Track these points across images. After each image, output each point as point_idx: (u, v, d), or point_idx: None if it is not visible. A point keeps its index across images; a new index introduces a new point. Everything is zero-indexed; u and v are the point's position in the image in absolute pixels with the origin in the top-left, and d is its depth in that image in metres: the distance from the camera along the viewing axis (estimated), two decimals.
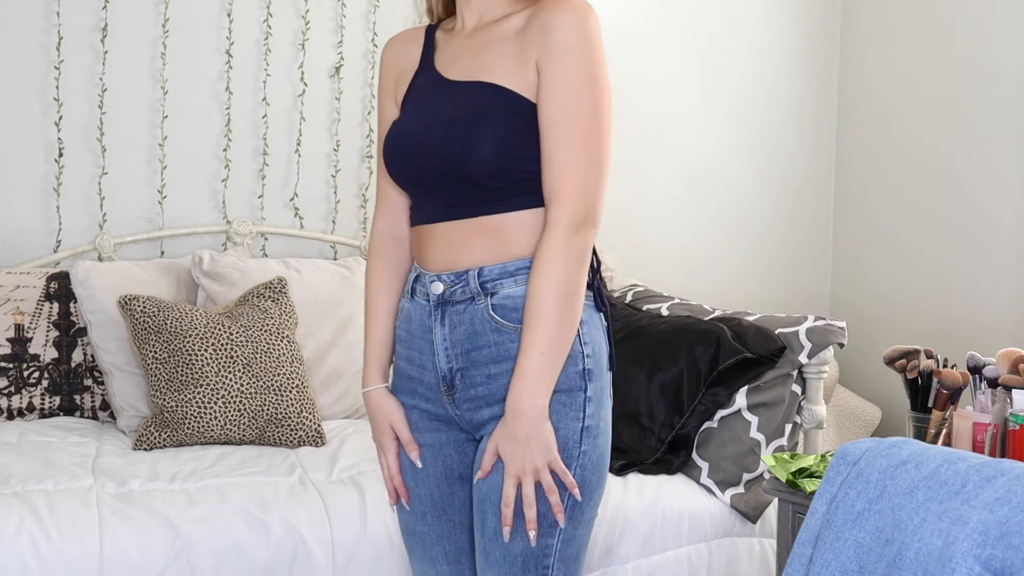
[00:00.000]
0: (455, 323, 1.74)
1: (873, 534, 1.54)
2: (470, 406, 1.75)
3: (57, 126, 3.10)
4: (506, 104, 1.70)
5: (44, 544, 2.16)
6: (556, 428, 1.68)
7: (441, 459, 1.81)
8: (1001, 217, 3.33)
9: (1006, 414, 2.15)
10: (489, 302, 1.72)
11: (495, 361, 1.72)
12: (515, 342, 1.70)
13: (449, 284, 1.74)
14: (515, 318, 1.71)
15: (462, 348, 1.74)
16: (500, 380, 1.72)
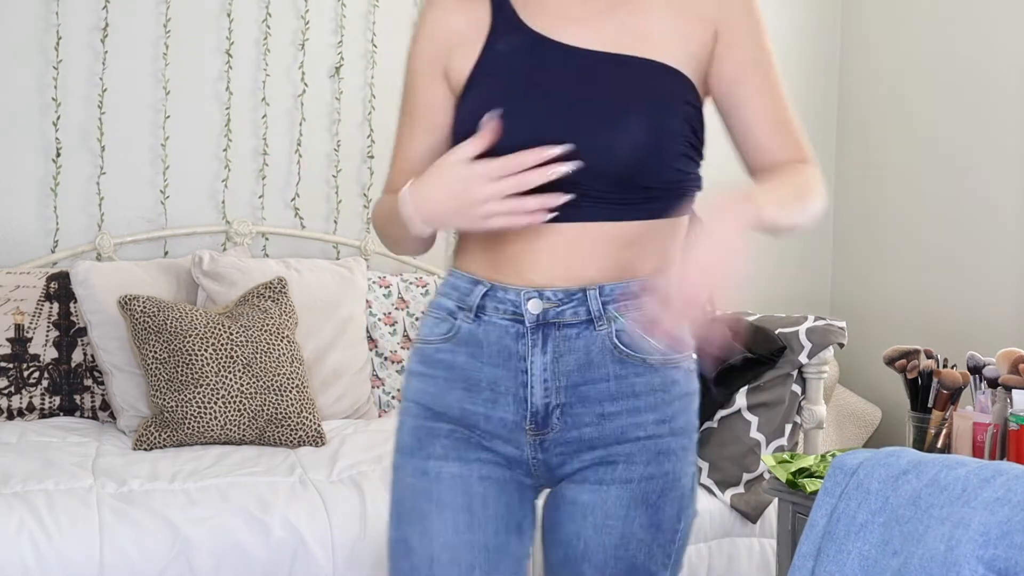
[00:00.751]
0: (562, 350, 1.43)
1: (878, 546, 1.54)
2: (563, 451, 1.46)
3: (55, 126, 3.10)
4: (681, 91, 1.43)
5: (44, 544, 2.16)
6: (678, 477, 1.46)
7: (505, 498, 1.48)
8: (1002, 217, 3.33)
9: (1006, 414, 2.15)
10: (613, 328, 1.42)
11: (613, 398, 1.44)
12: (641, 376, 1.43)
13: (556, 303, 1.42)
14: (643, 347, 1.43)
15: (569, 381, 1.43)
16: (616, 421, 1.44)
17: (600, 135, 1.38)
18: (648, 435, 1.45)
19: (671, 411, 1.46)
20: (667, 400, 1.46)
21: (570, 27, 1.43)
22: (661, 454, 1.46)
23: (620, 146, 1.38)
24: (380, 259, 3.44)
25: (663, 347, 1.44)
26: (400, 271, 3.41)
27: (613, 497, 1.46)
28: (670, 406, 1.46)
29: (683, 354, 1.48)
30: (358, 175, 3.44)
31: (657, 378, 1.45)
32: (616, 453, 1.45)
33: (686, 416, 1.48)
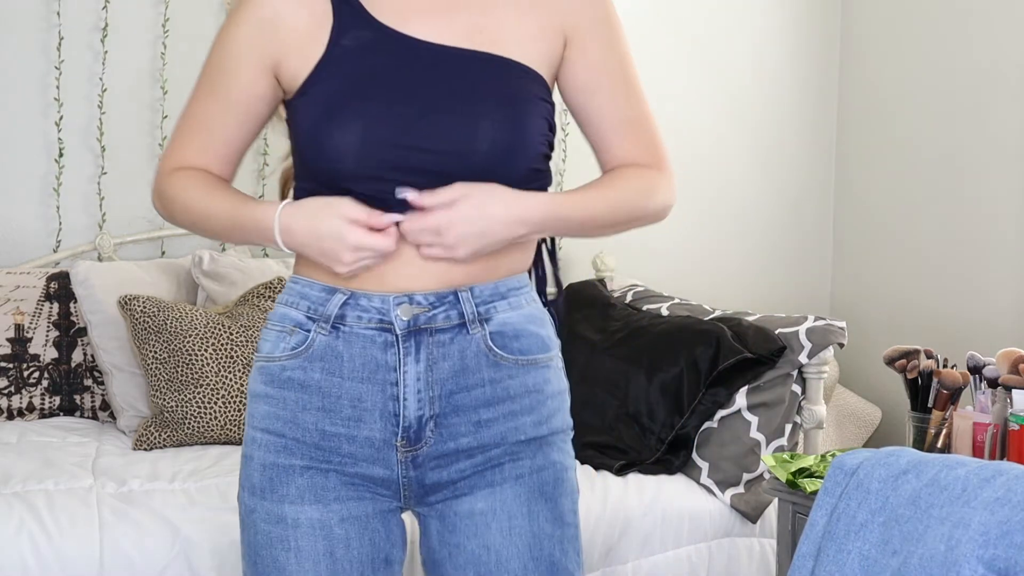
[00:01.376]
0: (436, 357, 1.36)
1: (878, 546, 1.54)
2: (439, 463, 1.38)
3: (58, 126, 3.10)
4: (537, 88, 1.39)
5: (44, 544, 2.16)
6: (565, 468, 1.44)
7: (368, 536, 1.39)
8: (1002, 217, 3.33)
9: (1006, 414, 2.15)
10: (487, 330, 1.38)
11: (489, 404, 1.39)
12: (515, 378, 1.39)
13: (427, 307, 1.35)
14: (516, 348, 1.39)
15: (443, 389, 1.37)
16: (494, 428, 1.39)
17: (458, 136, 1.33)
18: (528, 438, 1.42)
19: (546, 411, 1.43)
20: (541, 400, 1.43)
21: (420, 20, 1.36)
22: (545, 446, 1.43)
23: (479, 147, 1.33)
24: None
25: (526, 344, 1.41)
26: None
27: (510, 496, 1.40)
28: (544, 406, 1.43)
29: (551, 352, 1.45)
30: None
31: (530, 378, 1.41)
32: (497, 454, 1.40)
33: (561, 415, 1.46)
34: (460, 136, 1.33)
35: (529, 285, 1.45)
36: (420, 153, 1.33)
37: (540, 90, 1.39)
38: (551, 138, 1.41)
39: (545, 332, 1.44)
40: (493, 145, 1.34)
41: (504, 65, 1.37)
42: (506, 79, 1.37)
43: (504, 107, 1.35)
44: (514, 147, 1.35)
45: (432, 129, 1.33)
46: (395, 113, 1.33)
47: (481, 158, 1.33)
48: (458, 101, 1.34)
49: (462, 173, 1.33)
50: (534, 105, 1.38)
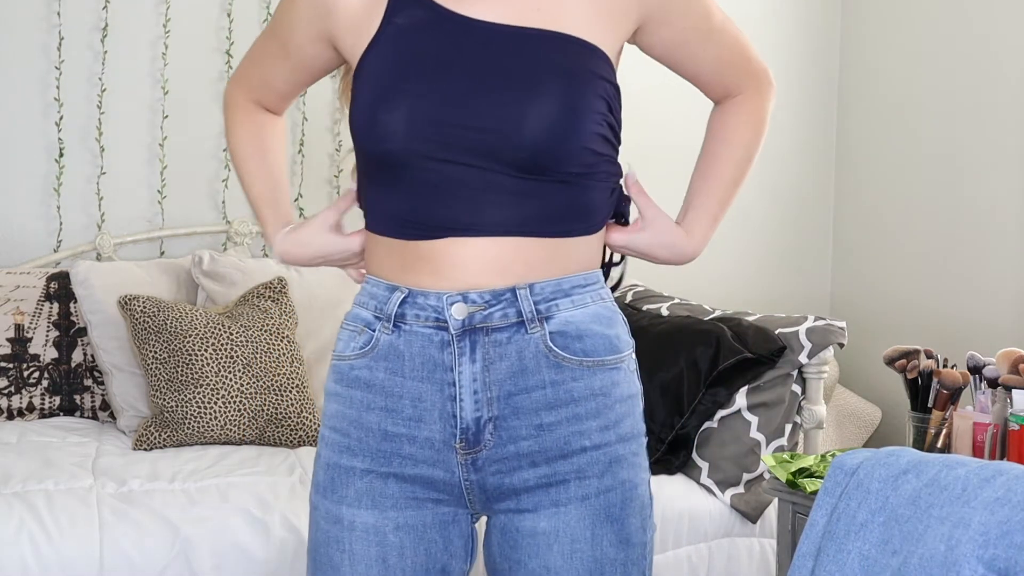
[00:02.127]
0: (493, 357, 1.32)
1: (878, 546, 1.54)
2: (501, 468, 1.34)
3: (58, 126, 3.10)
4: (596, 66, 1.32)
5: (44, 544, 2.16)
6: (635, 485, 1.38)
7: (424, 546, 1.36)
8: (1002, 216, 3.33)
9: (1006, 414, 2.15)
10: (546, 329, 1.32)
11: (551, 407, 1.33)
12: (579, 380, 1.33)
13: (482, 305, 1.31)
14: (579, 349, 1.34)
15: (501, 390, 1.32)
16: (556, 432, 1.33)
17: (508, 116, 1.28)
18: (594, 444, 1.35)
19: (614, 416, 1.36)
20: (608, 404, 1.36)
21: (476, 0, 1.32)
22: (613, 463, 1.36)
23: (530, 127, 1.27)
24: None
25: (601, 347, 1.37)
26: None
27: (574, 518, 1.34)
28: (612, 410, 1.36)
29: (622, 354, 1.39)
30: None
31: (596, 381, 1.35)
32: (563, 470, 1.34)
33: (631, 420, 1.38)
34: (509, 114, 1.28)
35: (600, 282, 1.39)
36: (470, 132, 1.28)
37: (601, 67, 1.32)
38: (611, 120, 1.34)
39: (614, 332, 1.38)
40: (542, 122, 1.28)
41: (561, 40, 1.31)
42: (562, 54, 1.31)
43: (557, 83, 1.29)
44: (567, 126, 1.29)
45: (481, 107, 1.28)
46: (443, 92, 1.30)
47: (531, 137, 1.28)
48: (509, 78, 1.29)
49: (511, 152, 1.28)
50: (592, 83, 1.31)
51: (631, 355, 1.42)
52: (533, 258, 1.32)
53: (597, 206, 1.37)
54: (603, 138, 1.34)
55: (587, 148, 1.31)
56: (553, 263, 1.33)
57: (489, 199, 1.30)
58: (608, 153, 1.36)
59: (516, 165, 1.29)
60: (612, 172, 1.38)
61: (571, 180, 1.33)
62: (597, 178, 1.35)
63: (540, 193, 1.31)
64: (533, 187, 1.31)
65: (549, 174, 1.31)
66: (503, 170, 1.29)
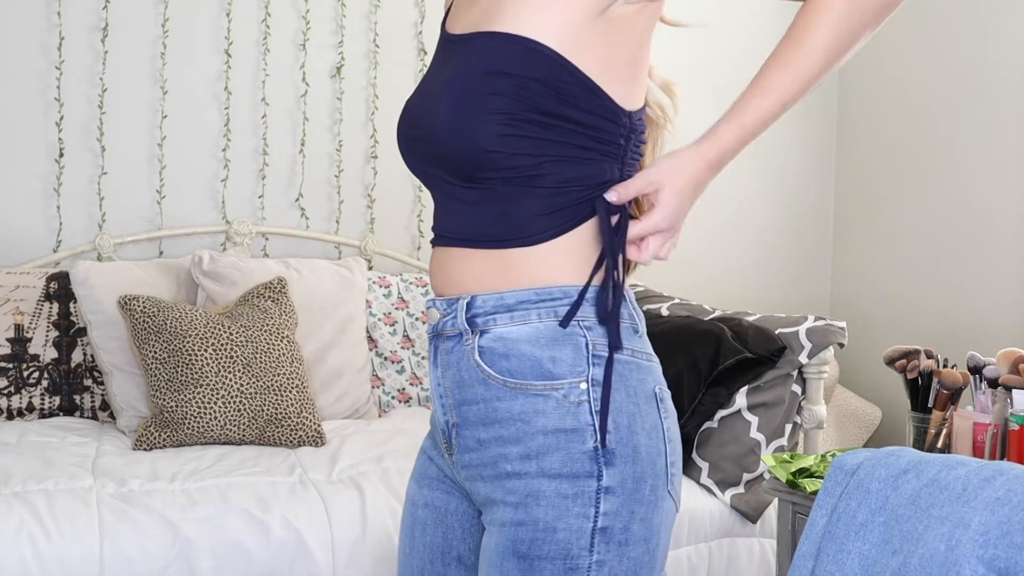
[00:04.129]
0: (446, 364, 1.32)
1: (878, 546, 1.54)
2: (467, 475, 1.33)
3: (58, 126, 3.10)
4: (506, 58, 1.25)
5: (44, 544, 2.16)
6: (554, 530, 1.24)
7: (442, 529, 1.39)
8: (1001, 217, 3.33)
9: (1006, 414, 2.15)
10: (476, 343, 1.29)
11: (484, 423, 1.29)
12: (502, 400, 1.27)
13: (442, 312, 1.33)
14: (503, 368, 1.27)
15: (454, 398, 1.32)
16: (489, 449, 1.28)
17: (427, 123, 1.28)
18: (515, 471, 1.26)
19: (536, 446, 1.25)
20: (528, 433, 1.26)
21: (458, 17, 1.35)
22: (530, 497, 1.25)
23: (437, 132, 1.26)
24: (381, 259, 3.44)
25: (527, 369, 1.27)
26: (400, 271, 3.41)
27: (492, 543, 1.29)
28: (533, 440, 1.26)
29: (554, 381, 1.27)
30: (361, 175, 3.44)
31: (517, 405, 1.26)
32: (496, 491, 1.28)
33: (563, 456, 1.24)
34: (428, 120, 1.29)
35: (566, 299, 1.27)
36: (416, 142, 1.32)
37: (515, 60, 1.24)
38: (536, 118, 1.24)
39: (549, 355, 1.27)
40: (442, 127, 1.26)
41: (478, 40, 1.27)
42: (472, 55, 1.27)
43: (453, 86, 1.26)
44: (463, 128, 1.24)
45: (417, 116, 1.32)
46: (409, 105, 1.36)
47: (440, 142, 1.27)
48: (435, 85, 1.30)
49: (437, 159, 1.29)
50: (488, 81, 1.24)
51: (577, 384, 1.27)
52: (478, 269, 1.29)
53: (533, 215, 1.27)
54: (526, 139, 1.24)
55: (495, 151, 1.24)
56: (499, 276, 1.28)
57: (449, 207, 1.32)
58: (542, 153, 1.25)
59: (450, 171, 1.29)
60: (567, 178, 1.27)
61: (496, 187, 1.27)
62: (536, 183, 1.26)
63: (476, 202, 1.28)
64: (471, 195, 1.28)
65: (478, 182, 1.27)
66: (450, 178, 1.29)
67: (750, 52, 3.85)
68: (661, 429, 1.29)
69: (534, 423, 1.26)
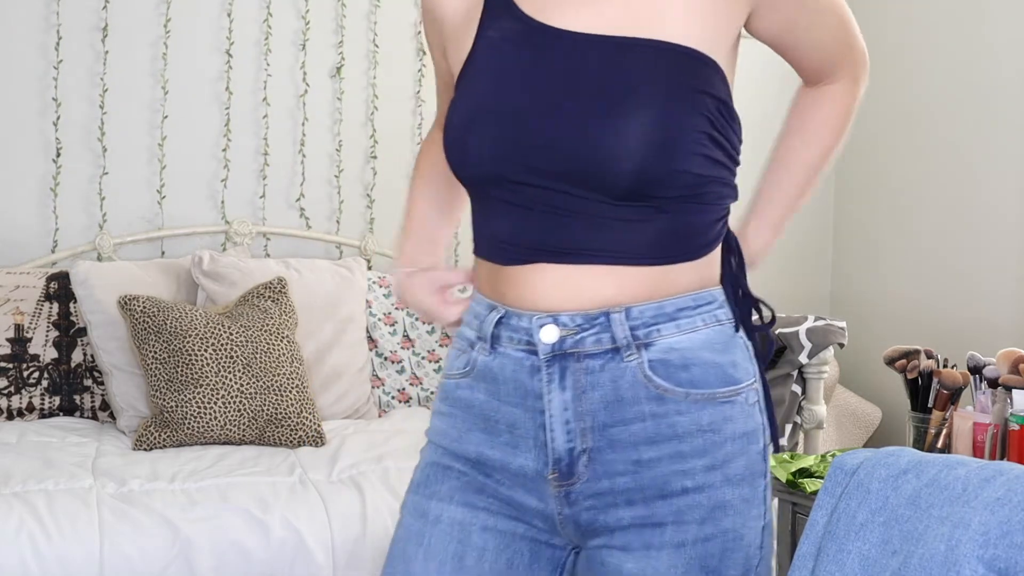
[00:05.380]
0: (585, 385, 1.21)
1: (878, 546, 1.54)
2: (595, 503, 1.23)
3: (55, 126, 3.10)
4: (696, 76, 1.18)
5: (44, 544, 2.16)
6: (741, 535, 1.24)
7: (507, 555, 1.28)
8: (1002, 216, 3.33)
9: (1006, 414, 2.15)
10: (645, 357, 1.21)
11: (651, 441, 1.21)
12: (684, 414, 1.21)
13: (573, 329, 1.21)
14: (684, 380, 1.21)
15: (595, 421, 1.21)
16: (656, 469, 1.22)
17: (592, 137, 1.16)
18: (697, 486, 1.22)
19: (723, 455, 1.23)
20: (718, 442, 1.22)
21: (568, 9, 1.21)
22: (717, 509, 1.23)
23: (616, 149, 1.15)
24: (381, 259, 3.44)
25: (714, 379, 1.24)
26: None
27: (665, 565, 1.22)
28: (722, 449, 1.23)
29: (739, 386, 1.26)
30: (361, 175, 3.44)
31: (705, 416, 1.22)
32: (662, 512, 1.22)
33: (744, 460, 1.24)
34: (595, 136, 1.16)
35: (718, 301, 1.26)
36: (555, 154, 1.18)
37: (704, 78, 1.18)
38: (718, 137, 1.21)
39: (729, 359, 1.24)
40: (631, 146, 1.16)
41: (657, 50, 1.17)
42: (656, 67, 1.17)
43: (650, 101, 1.16)
44: (660, 150, 1.16)
45: (566, 128, 1.18)
46: (528, 111, 1.20)
47: (620, 163, 1.16)
48: (597, 96, 1.18)
49: (600, 178, 1.17)
50: (690, 99, 1.17)
51: (752, 386, 1.27)
52: (629, 283, 1.21)
53: (701, 230, 1.24)
54: (708, 159, 1.20)
55: (687, 172, 1.18)
56: (654, 288, 1.21)
57: (580, 225, 1.20)
58: (716, 175, 1.22)
59: (605, 190, 1.18)
60: (723, 195, 1.25)
61: (669, 207, 1.20)
62: (704, 200, 1.22)
63: (635, 220, 1.19)
64: (627, 213, 1.19)
65: (644, 200, 1.19)
66: (593, 196, 1.19)
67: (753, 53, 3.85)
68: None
69: (724, 431, 1.23)
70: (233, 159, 3.29)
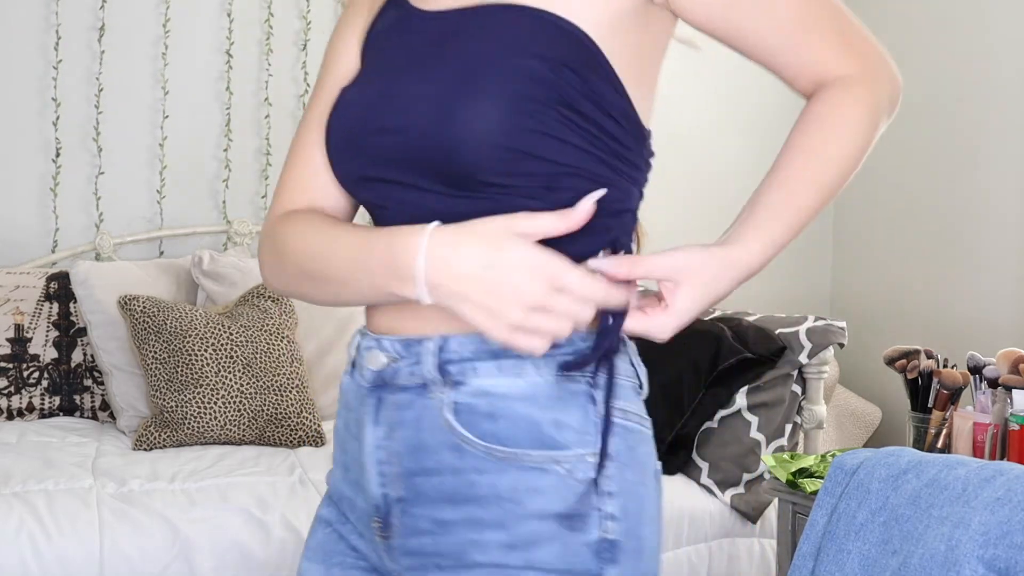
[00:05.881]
0: (394, 422, 1.02)
1: (878, 546, 1.54)
2: (412, 563, 1.03)
3: (55, 126, 3.10)
4: (535, 38, 0.98)
5: (44, 544, 2.16)
6: None
7: None
8: (1001, 217, 3.33)
9: (1006, 414, 2.15)
10: (450, 397, 0.99)
11: (450, 500, 1.00)
12: (484, 473, 0.98)
13: (394, 356, 1.03)
14: (486, 432, 0.98)
15: (403, 467, 1.02)
16: (455, 534, 1.00)
17: (427, 118, 0.98)
18: (493, 563, 0.98)
19: (526, 534, 0.97)
20: (519, 516, 0.98)
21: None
22: None
23: (447, 130, 0.96)
24: None
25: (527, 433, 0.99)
26: None
27: None
28: (523, 526, 0.98)
29: (558, 452, 0.99)
30: None
31: (505, 480, 0.98)
32: None
33: (560, 549, 0.97)
34: (418, 108, 0.99)
35: (568, 345, 1.00)
36: (388, 135, 1.02)
37: (546, 41, 0.98)
38: (576, 117, 0.99)
39: (552, 418, 0.99)
40: (462, 128, 0.97)
41: (501, 14, 0.99)
42: (493, 30, 0.99)
43: (463, 65, 0.98)
44: (494, 129, 0.96)
45: (398, 104, 1.02)
46: (374, 95, 1.05)
47: (452, 141, 0.97)
48: (432, 67, 1.01)
49: (424, 154, 0.99)
50: (515, 61, 0.97)
51: (585, 458, 1.00)
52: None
53: (557, 238, 0.97)
54: (564, 143, 0.98)
55: (513, 149, 0.96)
56: None
57: (415, 210, 1.02)
58: (576, 164, 0.99)
59: (436, 172, 0.99)
60: (587, 191, 0.98)
61: (498, 197, 0.98)
62: (545, 198, 0.99)
63: (471, 215, 0.97)
64: (464, 207, 0.98)
65: (474, 188, 0.98)
66: (431, 185, 1.00)
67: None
68: (660, 514, 1.08)
69: (527, 505, 0.98)
70: (234, 159, 3.29)
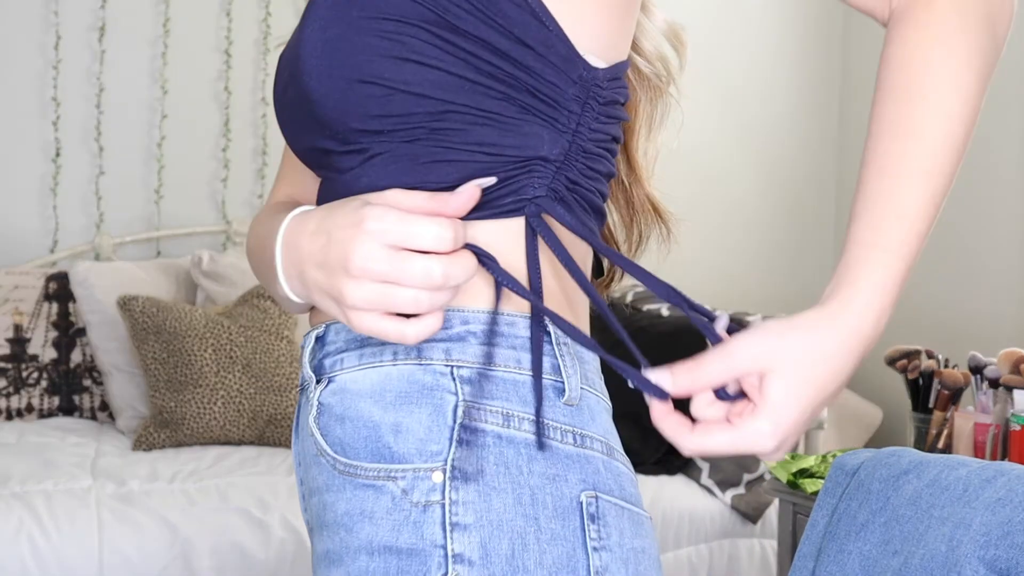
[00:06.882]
0: (296, 431, 0.90)
1: (879, 546, 1.54)
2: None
3: (55, 126, 3.10)
4: None
5: (43, 544, 2.15)
6: None
7: None
8: (1002, 216, 3.33)
9: (1007, 414, 2.15)
10: (318, 396, 0.82)
11: (320, 525, 0.84)
12: (328, 492, 0.81)
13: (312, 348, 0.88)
14: (334, 439, 0.81)
15: (305, 484, 0.88)
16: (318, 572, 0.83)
17: (293, 64, 0.84)
18: None
19: (355, 571, 0.78)
20: (351, 549, 0.79)
21: None
22: None
23: (301, 72, 0.81)
24: None
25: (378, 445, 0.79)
26: None
27: None
28: (354, 560, 0.79)
29: (394, 466, 0.78)
30: None
31: (343, 502, 0.80)
32: None
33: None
34: (296, 61, 0.83)
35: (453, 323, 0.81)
36: (286, 107, 0.88)
37: None
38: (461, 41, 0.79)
39: (392, 421, 0.79)
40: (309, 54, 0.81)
41: None
42: None
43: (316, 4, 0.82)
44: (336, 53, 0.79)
45: (295, 51, 0.84)
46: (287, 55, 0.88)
47: (303, 81, 0.81)
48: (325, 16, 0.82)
49: (308, 119, 0.83)
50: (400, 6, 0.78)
51: (428, 475, 0.78)
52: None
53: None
54: (423, 67, 0.78)
55: (378, 83, 0.78)
56: None
57: (325, 192, 0.86)
58: (441, 97, 0.79)
59: (320, 126, 0.82)
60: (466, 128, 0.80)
61: (374, 146, 0.81)
62: (428, 143, 0.80)
63: (351, 172, 0.83)
64: (348, 163, 0.83)
65: (351, 137, 0.81)
66: (333, 145, 0.83)
67: (754, 53, 3.85)
68: (586, 568, 0.78)
69: (358, 533, 0.79)
70: (233, 159, 3.29)
